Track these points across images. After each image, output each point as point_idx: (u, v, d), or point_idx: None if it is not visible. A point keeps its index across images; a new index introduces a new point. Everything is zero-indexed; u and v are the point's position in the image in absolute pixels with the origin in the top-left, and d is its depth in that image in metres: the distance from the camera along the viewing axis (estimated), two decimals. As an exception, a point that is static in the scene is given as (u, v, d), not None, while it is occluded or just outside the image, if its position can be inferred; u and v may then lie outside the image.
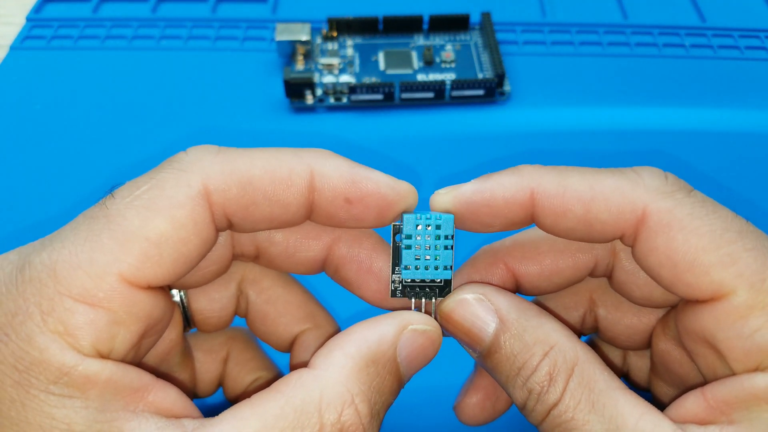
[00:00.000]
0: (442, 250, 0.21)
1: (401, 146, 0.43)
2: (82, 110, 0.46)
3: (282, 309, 0.25)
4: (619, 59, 0.49)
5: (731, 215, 0.20)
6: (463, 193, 0.21)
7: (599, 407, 0.19)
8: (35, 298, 0.17)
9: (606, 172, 0.21)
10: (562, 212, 0.20)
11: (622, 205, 0.20)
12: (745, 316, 0.19)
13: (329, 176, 0.20)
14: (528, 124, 0.45)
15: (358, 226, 0.22)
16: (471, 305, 0.21)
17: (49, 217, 0.38)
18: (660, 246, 0.20)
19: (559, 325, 0.21)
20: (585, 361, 0.20)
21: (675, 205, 0.20)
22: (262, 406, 0.18)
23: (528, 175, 0.21)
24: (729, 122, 0.45)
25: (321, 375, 0.19)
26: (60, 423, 0.17)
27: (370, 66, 0.47)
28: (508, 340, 0.20)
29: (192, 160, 0.20)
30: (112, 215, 0.18)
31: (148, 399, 0.18)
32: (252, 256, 0.23)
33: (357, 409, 0.18)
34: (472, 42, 0.49)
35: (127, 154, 0.43)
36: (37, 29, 0.51)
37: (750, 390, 0.18)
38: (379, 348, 0.19)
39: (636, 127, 0.45)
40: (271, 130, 0.44)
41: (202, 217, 0.19)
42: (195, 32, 0.51)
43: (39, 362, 0.17)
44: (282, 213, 0.20)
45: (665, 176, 0.20)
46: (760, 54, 0.50)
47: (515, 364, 0.20)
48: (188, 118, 0.45)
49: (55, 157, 0.43)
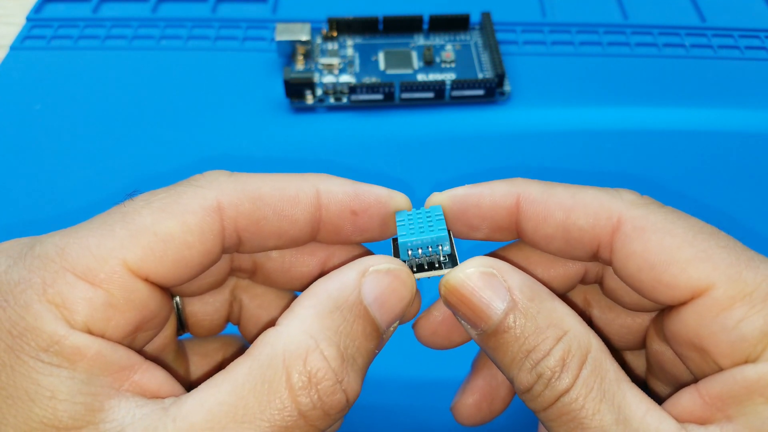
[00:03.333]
0: (435, 220, 0.22)
1: (401, 146, 0.43)
2: (82, 110, 0.46)
3: (275, 313, 0.25)
4: (619, 59, 0.49)
5: (702, 222, 0.20)
6: (455, 194, 0.22)
7: (609, 397, 0.19)
8: (40, 271, 0.18)
9: (588, 187, 0.22)
10: (543, 217, 0.21)
11: (599, 211, 0.21)
12: (726, 308, 0.19)
13: (334, 192, 0.22)
14: (528, 124, 0.45)
15: (363, 238, 0.23)
16: (481, 280, 0.20)
17: (48, 217, 0.38)
18: (636, 249, 0.20)
19: (572, 311, 0.20)
20: (598, 349, 0.19)
21: (648, 212, 0.21)
22: (233, 369, 0.18)
23: (518, 183, 0.22)
24: (729, 122, 0.45)
25: (283, 330, 0.19)
26: (45, 390, 0.17)
27: (370, 66, 0.47)
28: (520, 320, 0.19)
29: (208, 179, 0.21)
30: (127, 212, 0.20)
31: (133, 378, 0.19)
32: (249, 272, 0.24)
33: (323, 354, 0.18)
34: (472, 42, 0.49)
35: (126, 154, 0.43)
36: (37, 29, 0.51)
37: (742, 383, 0.18)
38: (341, 294, 0.19)
39: (636, 127, 0.45)
40: (271, 130, 0.44)
41: (211, 227, 0.20)
42: (195, 32, 0.51)
43: (32, 329, 0.17)
44: (290, 228, 0.22)
45: (640, 195, 0.22)
46: (760, 54, 0.50)
47: (524, 347, 0.19)
48: (188, 118, 0.45)
49: (55, 158, 0.43)
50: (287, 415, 0.18)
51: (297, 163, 0.42)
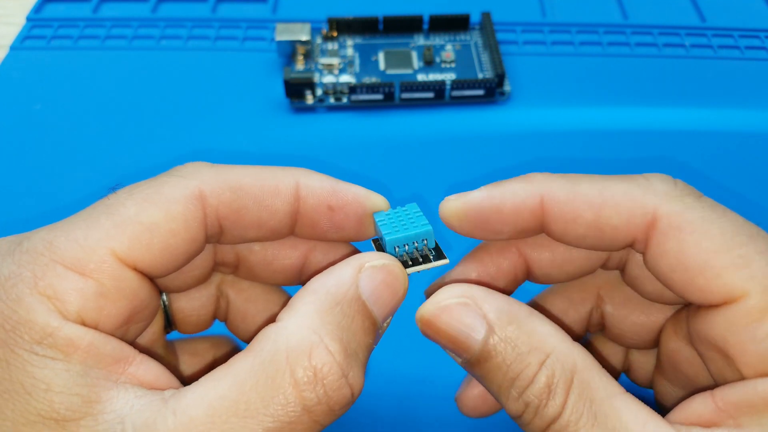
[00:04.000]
0: (415, 216, 0.22)
1: (401, 146, 0.43)
2: (82, 110, 0.46)
3: (262, 306, 0.26)
4: (619, 59, 0.49)
5: (741, 219, 0.20)
6: (472, 200, 0.21)
7: (602, 419, 0.18)
8: (30, 265, 0.18)
9: (616, 179, 0.21)
10: (572, 218, 0.21)
11: (633, 209, 0.20)
12: (758, 320, 0.18)
13: (313, 186, 0.22)
14: (528, 124, 0.45)
15: (338, 236, 0.23)
16: (455, 310, 0.19)
17: (49, 217, 0.38)
18: (671, 249, 0.19)
19: (553, 328, 0.19)
20: (584, 368, 0.19)
21: (685, 208, 0.20)
22: (235, 364, 0.18)
23: (538, 182, 0.21)
24: (729, 122, 0.45)
25: (285, 325, 0.19)
26: (40, 383, 0.17)
27: (370, 66, 0.47)
28: (500, 348, 0.19)
29: (190, 170, 0.21)
30: (111, 204, 0.20)
31: (128, 370, 0.19)
32: (232, 266, 0.24)
33: (328, 349, 0.18)
34: (472, 42, 0.49)
35: (127, 154, 0.43)
36: (37, 29, 0.51)
37: (762, 395, 0.18)
38: (339, 290, 0.19)
39: (636, 127, 0.45)
40: (271, 130, 0.44)
41: (194, 215, 0.20)
42: (195, 32, 0.51)
43: (25, 322, 0.18)
44: (269, 219, 0.22)
45: (674, 182, 0.21)
46: (760, 54, 0.50)
47: (508, 375, 0.19)
48: (188, 118, 0.45)
49: (55, 158, 0.43)
50: (291, 411, 0.17)
51: (297, 163, 0.42)
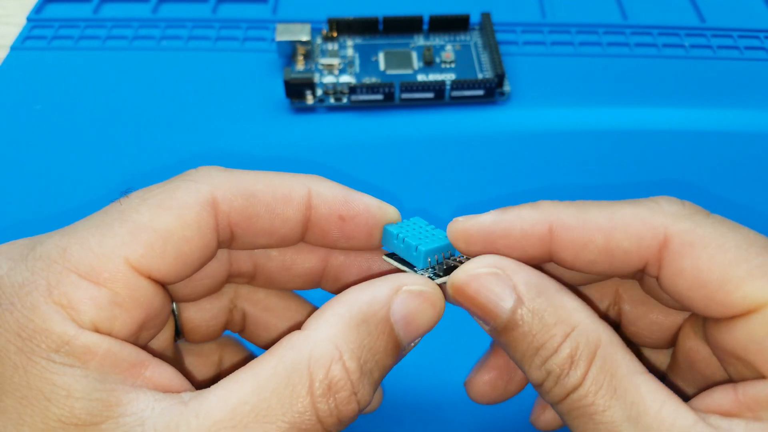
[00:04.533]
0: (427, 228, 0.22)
1: (401, 146, 0.43)
2: (82, 111, 0.46)
3: (281, 314, 0.26)
4: (619, 59, 0.49)
5: (752, 232, 0.20)
6: (481, 223, 0.21)
7: (621, 393, 0.18)
8: (44, 272, 0.18)
9: (624, 203, 0.21)
10: (583, 244, 0.20)
11: (643, 231, 0.20)
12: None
13: (325, 195, 0.22)
14: (528, 124, 0.45)
15: (348, 245, 0.23)
16: (485, 279, 0.20)
17: (50, 217, 0.38)
18: (686, 268, 0.19)
19: (581, 304, 0.20)
20: (608, 343, 0.19)
21: (696, 225, 0.20)
22: (257, 368, 0.18)
23: (547, 209, 0.21)
24: (729, 122, 0.45)
25: (311, 335, 0.19)
26: (60, 389, 0.17)
27: (370, 66, 0.47)
28: (527, 318, 0.19)
29: (202, 174, 0.21)
30: (125, 210, 0.20)
31: (145, 374, 0.19)
32: (248, 275, 0.24)
33: (345, 366, 0.18)
34: (472, 42, 0.49)
35: (127, 154, 0.43)
36: (38, 29, 0.51)
37: None
38: (370, 308, 0.19)
39: (636, 127, 0.45)
40: (271, 130, 0.44)
41: (207, 221, 0.20)
42: (195, 33, 0.51)
43: (42, 330, 0.18)
44: (281, 227, 0.22)
45: (682, 203, 0.21)
46: (760, 54, 0.50)
47: (533, 344, 0.19)
48: (188, 118, 0.45)
49: (55, 158, 0.43)
50: (307, 419, 0.18)
51: (297, 163, 0.42)
